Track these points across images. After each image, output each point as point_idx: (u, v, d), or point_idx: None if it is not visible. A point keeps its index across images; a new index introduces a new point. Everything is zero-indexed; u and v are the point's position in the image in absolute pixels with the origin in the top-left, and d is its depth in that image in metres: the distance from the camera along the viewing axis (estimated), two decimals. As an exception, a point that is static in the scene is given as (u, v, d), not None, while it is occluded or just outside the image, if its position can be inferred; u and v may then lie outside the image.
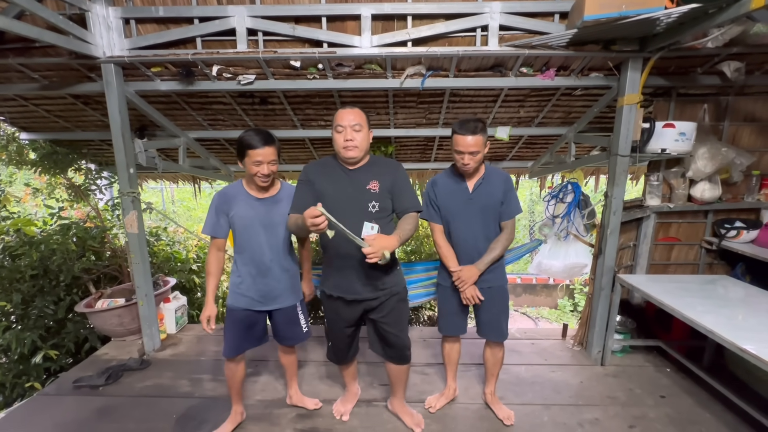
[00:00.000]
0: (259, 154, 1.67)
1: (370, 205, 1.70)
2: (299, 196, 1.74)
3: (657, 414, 2.15)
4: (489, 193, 1.91)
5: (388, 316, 1.83)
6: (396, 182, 1.75)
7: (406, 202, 1.75)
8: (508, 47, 2.32)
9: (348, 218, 1.58)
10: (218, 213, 1.80)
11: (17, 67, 2.53)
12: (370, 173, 1.73)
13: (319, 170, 1.76)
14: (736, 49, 2.25)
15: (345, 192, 1.70)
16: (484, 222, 1.93)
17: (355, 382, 2.25)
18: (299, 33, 2.35)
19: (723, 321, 1.86)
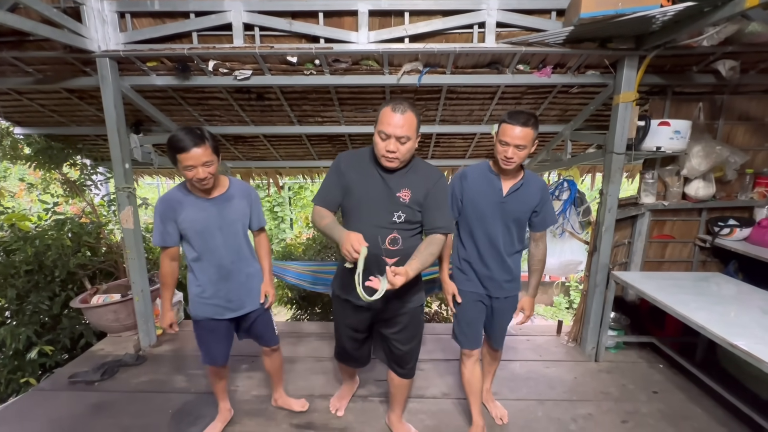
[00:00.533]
0: (189, 158, 1.49)
1: (395, 214, 1.52)
2: (327, 186, 1.59)
3: (649, 409, 2.18)
4: (523, 201, 1.73)
5: (401, 332, 1.69)
6: (431, 195, 1.54)
7: (436, 220, 1.54)
8: (505, 44, 2.32)
9: (370, 223, 1.51)
10: (164, 221, 1.63)
11: (11, 60, 2.51)
12: (404, 179, 1.53)
13: (353, 162, 1.58)
14: (731, 47, 2.27)
15: (373, 194, 1.53)
16: (511, 230, 1.76)
17: (355, 376, 2.24)
18: (296, 28, 2.34)
19: (715, 317, 1.89)
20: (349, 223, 1.58)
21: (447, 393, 2.33)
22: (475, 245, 1.79)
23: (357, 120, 3.31)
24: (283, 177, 5.02)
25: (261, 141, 3.76)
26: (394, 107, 1.41)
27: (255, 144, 3.85)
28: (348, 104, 3.08)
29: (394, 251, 1.53)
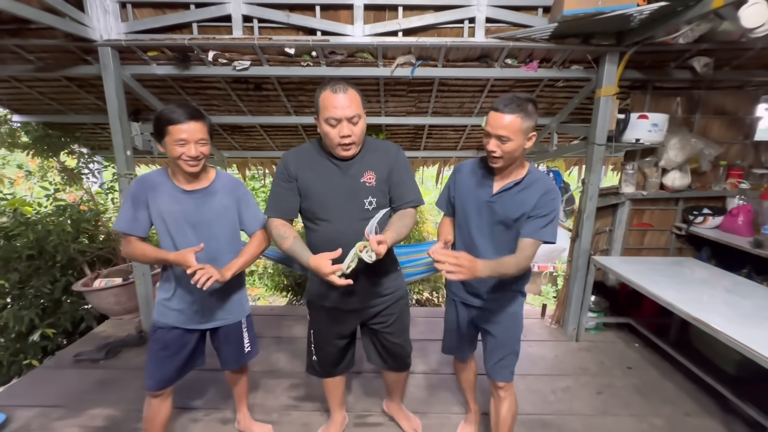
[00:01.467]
0: (182, 131, 1.32)
1: (366, 201, 1.41)
2: (279, 193, 1.44)
3: (623, 383, 2.35)
4: (516, 203, 1.42)
5: (392, 325, 1.61)
6: (394, 170, 1.45)
7: (404, 195, 1.45)
8: (493, 39, 2.43)
9: (343, 220, 1.40)
10: (136, 204, 1.41)
11: (12, 48, 2.55)
12: (363, 162, 1.42)
13: (302, 160, 1.44)
14: (705, 45, 2.41)
15: (336, 188, 1.40)
16: (500, 236, 1.48)
17: (342, 409, 1.95)
18: (294, 21, 2.42)
19: (683, 296, 2.04)
20: (319, 227, 1.44)
21: (436, 369, 2.47)
22: (462, 246, 1.56)
23: (352, 111, 3.40)
24: (279, 167, 5.10)
25: (257, 131, 3.84)
26: (334, 88, 1.30)
27: (251, 134, 3.93)
28: (343, 95, 3.17)
29: None
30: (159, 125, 1.36)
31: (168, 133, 1.34)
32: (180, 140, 1.34)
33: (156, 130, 1.37)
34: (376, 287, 1.53)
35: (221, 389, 2.25)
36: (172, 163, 1.41)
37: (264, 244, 1.59)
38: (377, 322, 1.60)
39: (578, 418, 2.05)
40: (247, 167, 4.70)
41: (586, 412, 2.10)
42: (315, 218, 1.44)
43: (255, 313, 3.24)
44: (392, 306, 1.59)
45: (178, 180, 1.45)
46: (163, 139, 1.37)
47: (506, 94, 1.37)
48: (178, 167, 1.40)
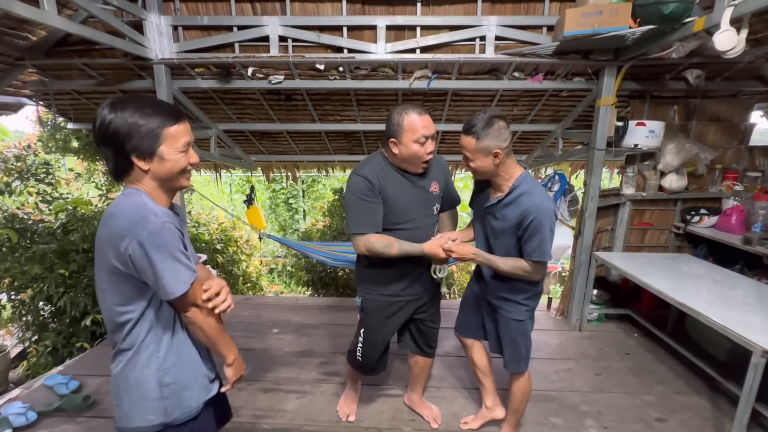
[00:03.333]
0: (185, 131, 1.03)
1: (434, 208, 1.69)
2: (368, 210, 1.55)
3: (620, 366, 2.58)
4: (503, 215, 1.54)
5: (434, 313, 1.87)
6: (447, 180, 1.75)
7: (456, 199, 1.81)
8: (502, 55, 2.71)
9: (420, 225, 1.62)
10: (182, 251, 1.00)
11: (79, 65, 2.93)
12: (429, 174, 1.65)
13: (381, 177, 1.57)
14: (696, 59, 2.64)
15: (413, 199, 1.62)
16: (500, 240, 1.60)
17: (358, 382, 2.18)
18: (323, 40, 2.74)
19: (673, 285, 2.28)
20: (399, 231, 1.61)
21: (449, 352, 2.74)
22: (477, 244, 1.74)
23: (371, 118, 3.71)
24: (300, 170, 5.43)
25: (284, 137, 4.17)
26: (419, 111, 1.49)
27: (278, 139, 4.26)
28: (365, 105, 3.48)
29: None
30: (148, 130, 0.96)
31: (165, 138, 0.98)
32: (185, 144, 1.03)
33: (143, 139, 0.95)
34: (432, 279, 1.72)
35: (260, 364, 2.55)
36: (165, 181, 1.02)
37: None
38: (424, 310, 1.81)
39: (577, 393, 2.30)
40: (271, 170, 5.04)
41: (584, 389, 2.34)
42: (395, 226, 1.62)
43: (281, 303, 3.58)
44: (434, 296, 1.83)
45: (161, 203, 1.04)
46: (153, 151, 0.97)
47: (474, 115, 1.46)
48: (171, 186, 1.06)
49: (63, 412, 2.09)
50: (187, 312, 1.03)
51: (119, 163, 0.99)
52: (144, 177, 1.01)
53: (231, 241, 4.96)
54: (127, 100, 0.98)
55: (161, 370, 1.05)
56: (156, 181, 1.02)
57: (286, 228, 7.55)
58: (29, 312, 3.38)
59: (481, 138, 1.41)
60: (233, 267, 4.84)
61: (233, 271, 4.83)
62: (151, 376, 1.04)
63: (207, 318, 1.05)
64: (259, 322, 3.19)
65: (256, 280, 5.24)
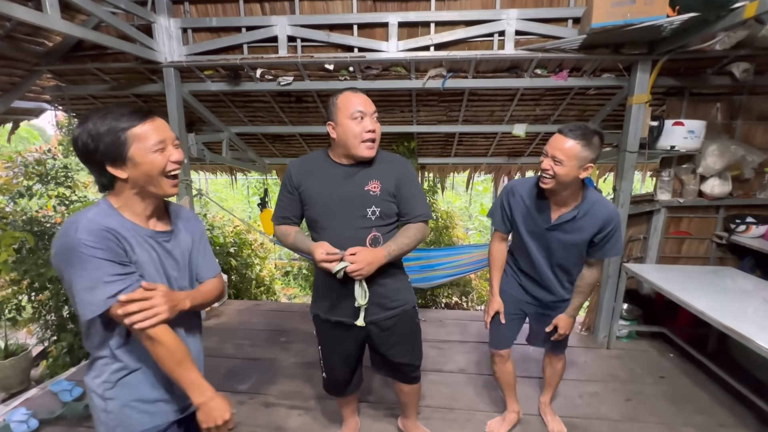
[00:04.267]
0: (157, 129, 0.96)
1: (369, 210, 1.40)
2: (282, 202, 1.50)
3: (654, 391, 2.33)
4: (576, 232, 1.54)
5: (399, 344, 1.57)
6: (402, 182, 1.44)
7: (413, 209, 1.46)
8: (523, 51, 2.52)
9: (345, 227, 1.40)
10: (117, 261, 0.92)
11: (92, 70, 2.94)
12: (370, 171, 1.43)
13: (306, 169, 1.45)
14: (744, 51, 2.37)
15: (340, 194, 1.40)
16: (564, 251, 1.61)
17: (355, 415, 1.99)
18: (333, 39, 2.63)
19: (715, 304, 2.03)
20: (321, 232, 1.44)
21: (463, 369, 2.57)
22: (530, 258, 1.69)
23: (384, 120, 3.58)
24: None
25: (296, 139, 4.10)
26: (354, 89, 1.38)
27: (291, 142, 4.20)
28: (377, 106, 3.29)
29: (382, 268, 1.41)
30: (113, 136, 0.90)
31: (132, 140, 0.91)
32: (160, 142, 0.94)
33: (109, 146, 0.91)
34: (382, 299, 1.48)
35: (264, 376, 2.46)
36: (147, 187, 0.96)
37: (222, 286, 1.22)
38: (383, 344, 1.56)
39: (605, 422, 2.08)
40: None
41: (613, 417, 2.12)
42: (317, 226, 1.45)
43: (291, 310, 3.50)
44: (399, 324, 1.54)
45: (138, 217, 1.00)
46: (124, 157, 0.92)
47: (577, 122, 1.49)
48: (155, 192, 0.98)
49: (64, 421, 2.06)
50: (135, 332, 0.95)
51: (101, 177, 0.97)
52: (125, 187, 0.97)
53: (245, 244, 4.94)
54: (92, 112, 0.95)
55: (107, 383, 1.00)
56: (137, 188, 0.97)
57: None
58: (48, 312, 3.44)
59: (585, 147, 1.37)
60: (247, 270, 4.81)
61: (247, 275, 4.81)
62: (97, 387, 1.00)
63: (154, 343, 0.93)
64: (268, 329, 3.11)
65: (270, 283, 5.20)
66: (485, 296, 4.62)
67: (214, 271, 1.20)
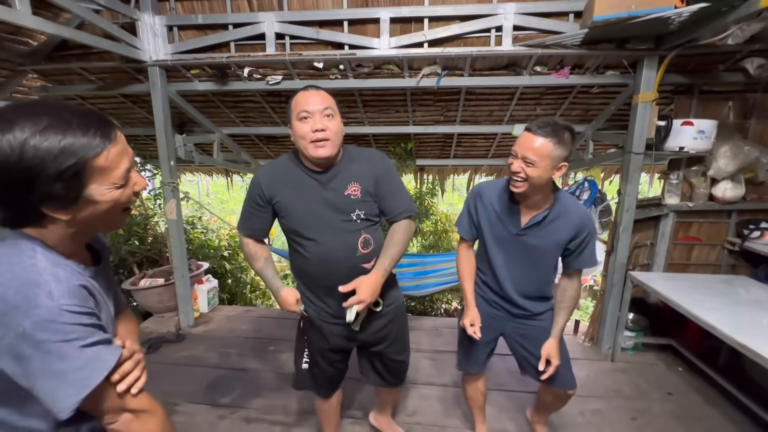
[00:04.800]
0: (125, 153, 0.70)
1: (353, 215, 1.33)
2: (248, 212, 1.38)
3: (661, 408, 2.18)
4: (549, 236, 1.41)
5: (395, 342, 1.54)
6: (381, 180, 1.36)
7: (396, 206, 1.38)
8: (521, 47, 2.39)
9: (331, 237, 1.31)
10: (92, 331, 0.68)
11: (78, 70, 2.87)
12: (347, 173, 1.33)
13: (276, 176, 1.34)
14: (758, 45, 2.21)
15: (319, 204, 1.31)
16: (534, 265, 1.48)
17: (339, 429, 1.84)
18: (323, 36, 2.52)
19: (729, 318, 1.87)
20: (307, 247, 1.34)
21: (457, 382, 2.42)
22: (493, 272, 1.55)
23: (380, 121, 3.46)
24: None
25: (291, 141, 3.99)
26: (305, 88, 1.30)
27: (286, 144, 4.10)
28: (371, 106, 3.24)
29: (369, 253, 1.37)
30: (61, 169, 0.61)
31: (92, 173, 0.65)
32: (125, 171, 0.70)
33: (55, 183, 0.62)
34: (377, 306, 1.43)
35: (248, 388, 2.35)
36: (93, 225, 0.72)
37: None
38: (379, 343, 1.51)
39: (608, 443, 1.93)
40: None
41: (617, 438, 1.97)
42: (301, 237, 1.34)
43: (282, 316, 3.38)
44: (392, 321, 1.50)
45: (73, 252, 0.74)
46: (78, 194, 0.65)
47: (544, 117, 1.33)
48: (99, 229, 0.80)
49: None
50: (113, 424, 0.72)
51: (17, 214, 0.65)
52: (56, 225, 0.68)
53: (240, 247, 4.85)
54: (18, 111, 0.60)
55: None
56: (75, 227, 0.69)
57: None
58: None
59: (557, 145, 1.26)
60: (242, 274, 4.72)
61: (241, 279, 4.71)
62: None
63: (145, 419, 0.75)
64: (257, 337, 3.00)
65: (265, 287, 5.10)
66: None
67: (123, 306, 0.93)
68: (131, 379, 0.73)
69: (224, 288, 4.42)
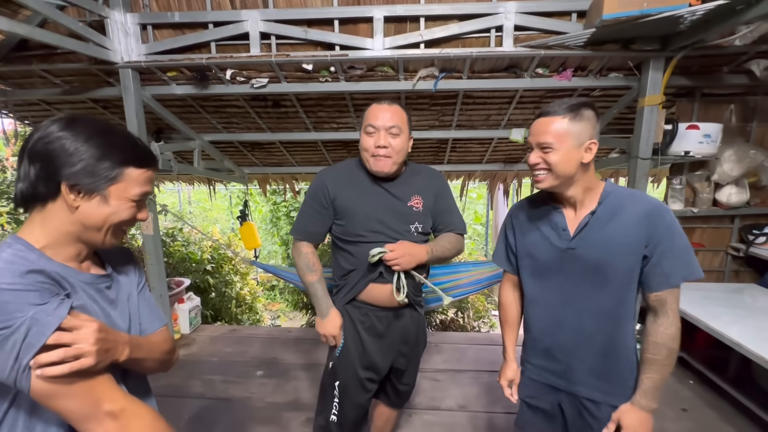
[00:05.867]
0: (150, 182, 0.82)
1: (412, 227, 1.35)
2: (309, 214, 1.37)
3: (678, 428, 2.07)
4: (610, 241, 1.05)
5: (411, 364, 1.53)
6: (440, 196, 1.41)
7: (450, 223, 1.41)
8: (523, 48, 2.27)
9: (389, 242, 1.30)
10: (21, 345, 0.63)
11: (40, 72, 2.61)
12: (411, 186, 1.37)
13: (342, 178, 1.36)
14: (765, 46, 2.15)
15: (382, 208, 1.32)
16: (600, 290, 1.08)
17: None
18: (311, 36, 2.35)
19: (749, 332, 1.78)
20: (362, 247, 1.32)
21: (463, 405, 2.27)
22: (541, 316, 1.18)
23: (372, 126, 3.30)
24: (299, 182, 5.06)
25: (277, 147, 3.79)
26: (380, 102, 1.34)
27: (272, 150, 3.89)
28: (364, 110, 3.06)
29: (418, 267, 1.35)
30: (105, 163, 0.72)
31: (122, 178, 0.75)
32: (141, 195, 0.80)
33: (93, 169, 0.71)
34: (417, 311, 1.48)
35: (235, 421, 2.13)
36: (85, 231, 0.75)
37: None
38: (402, 358, 1.49)
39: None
40: (267, 183, 4.68)
41: (637, 464, 1.84)
42: (357, 240, 1.34)
43: (271, 336, 3.17)
44: (418, 340, 1.52)
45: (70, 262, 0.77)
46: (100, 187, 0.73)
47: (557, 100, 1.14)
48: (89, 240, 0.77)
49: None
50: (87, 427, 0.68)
51: (39, 187, 0.71)
52: (59, 219, 0.73)
53: (224, 260, 4.59)
54: (90, 121, 0.75)
55: None
56: (73, 228, 0.75)
57: (288, 243, 7.18)
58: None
59: (574, 120, 1.02)
60: (226, 289, 4.46)
61: (226, 294, 4.45)
62: None
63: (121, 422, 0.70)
64: (243, 360, 2.78)
65: (252, 302, 4.85)
66: (482, 311, 4.35)
67: (161, 321, 0.95)
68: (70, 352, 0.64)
69: (207, 304, 4.16)
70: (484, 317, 4.27)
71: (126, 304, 0.87)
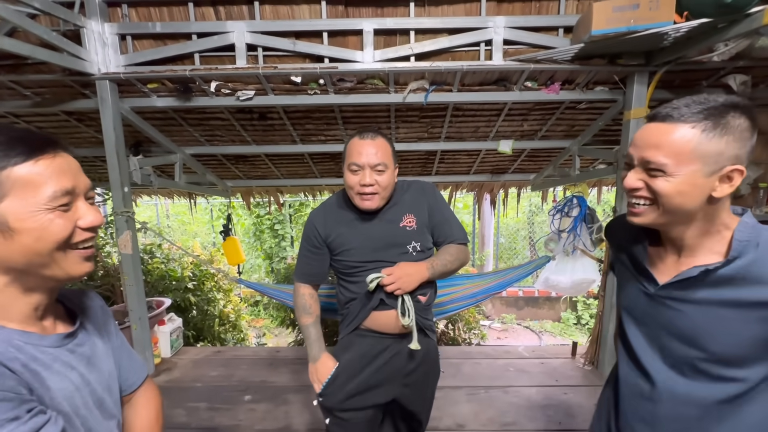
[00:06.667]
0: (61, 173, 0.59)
1: (409, 247, 1.30)
2: (306, 258, 1.37)
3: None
4: (725, 319, 0.71)
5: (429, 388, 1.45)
6: (434, 209, 1.35)
7: (449, 234, 1.35)
8: (512, 61, 2.29)
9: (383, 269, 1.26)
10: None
11: (8, 84, 2.46)
12: (401, 205, 1.33)
13: (330, 216, 1.34)
14: (741, 62, 2.24)
15: (374, 237, 1.29)
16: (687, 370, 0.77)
17: None
18: (300, 48, 2.30)
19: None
20: (355, 280, 1.30)
21: (461, 424, 2.21)
22: (628, 358, 0.88)
23: (360, 138, 3.26)
24: (284, 195, 4.95)
25: (262, 160, 3.70)
26: (362, 135, 1.25)
27: (256, 163, 3.80)
28: (352, 123, 3.03)
29: (423, 285, 1.29)
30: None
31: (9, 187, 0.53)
32: (58, 194, 0.57)
33: None
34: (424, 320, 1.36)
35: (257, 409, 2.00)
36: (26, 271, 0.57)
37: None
38: (406, 389, 1.37)
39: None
40: (251, 196, 4.56)
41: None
42: (356, 273, 1.31)
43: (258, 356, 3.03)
44: (427, 370, 1.41)
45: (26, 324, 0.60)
46: None
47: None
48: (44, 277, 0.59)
49: None
50: None
51: None
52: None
53: (207, 277, 4.41)
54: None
55: None
56: (10, 275, 0.57)
57: (273, 256, 6.99)
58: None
59: (715, 132, 0.67)
60: (209, 307, 4.28)
61: (209, 312, 4.26)
62: None
63: None
64: (230, 384, 2.64)
65: (236, 319, 4.67)
66: (472, 323, 4.32)
67: (144, 371, 0.86)
68: None
69: (189, 324, 3.97)
70: (475, 329, 4.24)
71: (105, 358, 0.72)
